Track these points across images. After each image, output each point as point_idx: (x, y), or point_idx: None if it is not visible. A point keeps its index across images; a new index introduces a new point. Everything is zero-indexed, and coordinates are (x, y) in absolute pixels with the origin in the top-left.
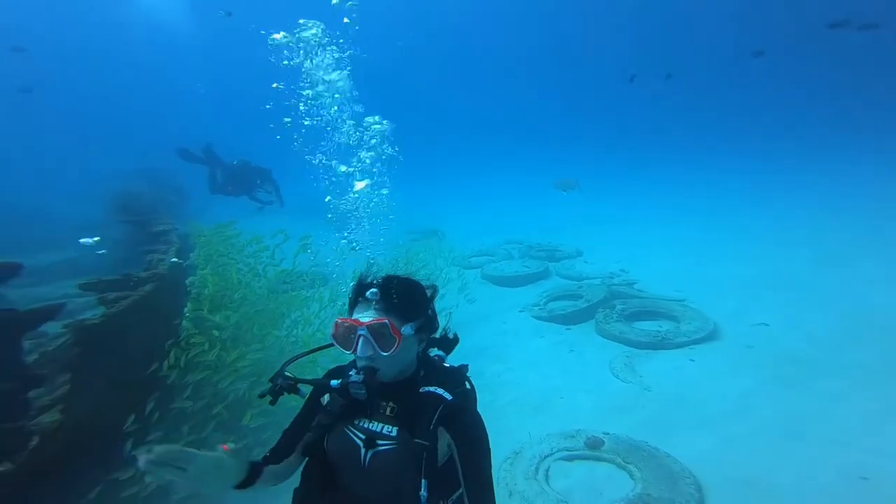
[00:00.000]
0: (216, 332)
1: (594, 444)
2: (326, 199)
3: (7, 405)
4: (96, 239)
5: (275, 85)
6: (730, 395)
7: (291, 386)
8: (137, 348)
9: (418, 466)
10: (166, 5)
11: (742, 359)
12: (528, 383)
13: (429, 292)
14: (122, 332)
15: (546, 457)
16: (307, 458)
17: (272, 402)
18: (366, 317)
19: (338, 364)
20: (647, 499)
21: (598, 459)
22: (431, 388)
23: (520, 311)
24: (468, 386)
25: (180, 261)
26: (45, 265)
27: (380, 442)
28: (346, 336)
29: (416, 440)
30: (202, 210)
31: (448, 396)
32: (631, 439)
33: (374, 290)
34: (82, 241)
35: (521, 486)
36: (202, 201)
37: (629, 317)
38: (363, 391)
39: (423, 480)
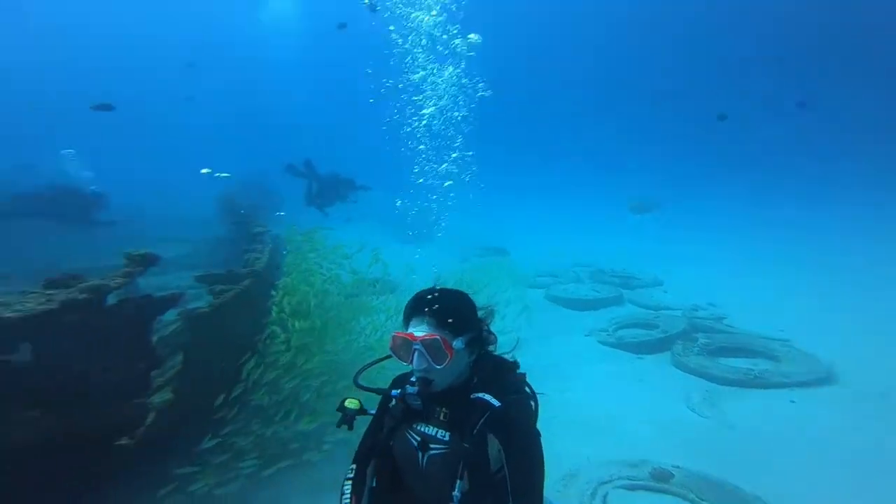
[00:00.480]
0: (293, 337)
1: (662, 476)
2: (397, 203)
3: (138, 382)
4: (226, 174)
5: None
6: (841, 442)
7: (358, 411)
8: (233, 338)
9: (464, 467)
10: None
11: (861, 407)
12: (588, 407)
13: (481, 312)
14: (222, 323)
15: (604, 483)
16: (378, 459)
17: (349, 429)
18: (420, 331)
19: (402, 371)
20: None
21: (665, 492)
22: (481, 395)
23: (585, 335)
24: (528, 392)
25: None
26: (168, 258)
27: (432, 445)
28: (402, 349)
29: (458, 442)
30: (293, 217)
31: (495, 403)
32: (708, 475)
33: (427, 306)
34: (203, 171)
35: None
36: (294, 208)
37: (713, 352)
38: (419, 402)
39: (457, 482)
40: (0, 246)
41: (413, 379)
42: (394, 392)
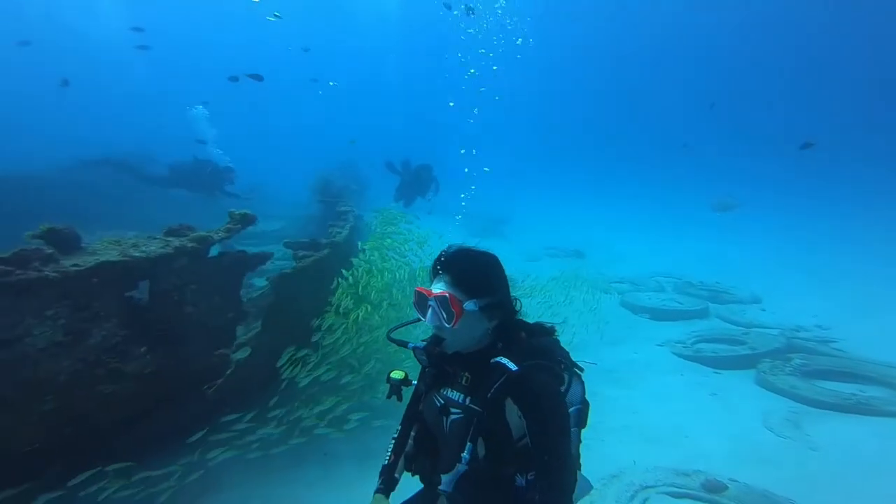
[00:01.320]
0: (348, 319)
1: (714, 488)
2: (462, 196)
3: (226, 333)
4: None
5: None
6: None
7: (402, 381)
8: (307, 303)
9: (475, 431)
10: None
11: None
12: (647, 414)
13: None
14: (301, 285)
15: (648, 487)
16: (419, 423)
17: (399, 399)
18: (437, 288)
19: None
20: None
21: None
22: (500, 359)
23: (658, 345)
24: (559, 358)
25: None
26: (265, 231)
27: (453, 410)
28: (420, 305)
29: (470, 405)
30: (376, 202)
31: (512, 367)
32: (768, 492)
33: (446, 264)
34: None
35: None
36: (379, 192)
37: (809, 374)
38: (424, 358)
39: (468, 445)
40: (150, 209)
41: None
42: (410, 345)
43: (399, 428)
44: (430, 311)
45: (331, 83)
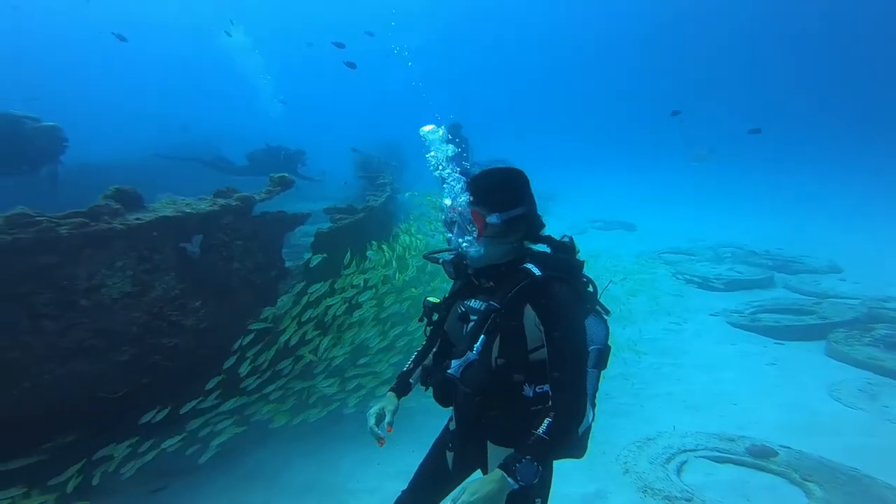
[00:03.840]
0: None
1: (761, 453)
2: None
3: (270, 290)
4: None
5: None
6: None
7: (436, 305)
8: (340, 261)
9: (490, 325)
10: None
11: None
12: (691, 382)
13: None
14: (336, 244)
15: (686, 451)
16: (441, 338)
17: (428, 324)
18: (461, 204)
19: None
20: None
21: (762, 469)
22: (527, 264)
23: (711, 315)
24: (585, 280)
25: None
26: (314, 210)
27: (472, 317)
28: (448, 220)
29: (490, 302)
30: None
31: (537, 272)
32: (825, 459)
33: (472, 180)
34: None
35: (641, 466)
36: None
37: (893, 345)
38: (451, 269)
39: (481, 337)
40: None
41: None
42: (440, 259)
43: (425, 342)
44: (456, 226)
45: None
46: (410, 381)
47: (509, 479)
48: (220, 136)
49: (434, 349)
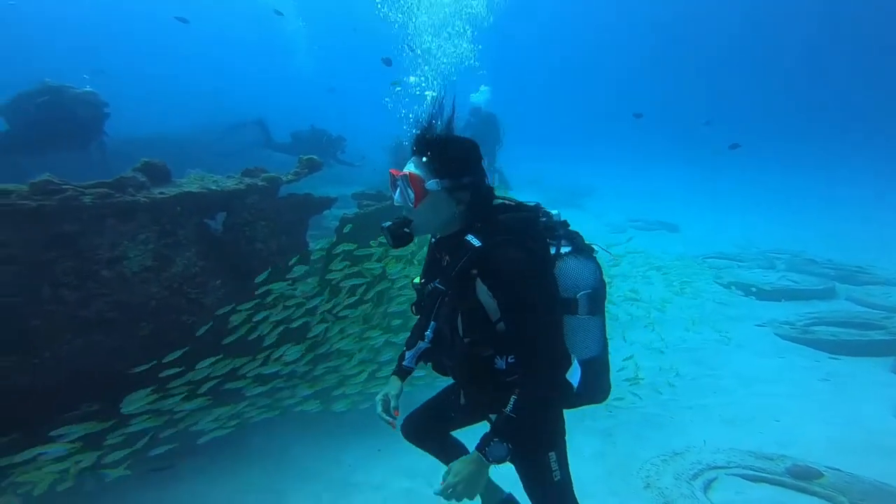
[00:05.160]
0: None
1: (803, 474)
2: None
3: (290, 272)
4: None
5: None
6: None
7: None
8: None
9: (439, 308)
10: None
11: None
12: (729, 394)
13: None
14: (362, 233)
15: (717, 467)
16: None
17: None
18: (406, 169)
19: None
20: None
21: (803, 491)
22: (467, 237)
23: (757, 325)
24: (541, 240)
25: None
26: (343, 195)
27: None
28: (392, 186)
29: (434, 285)
30: None
31: (476, 243)
32: (882, 483)
33: (415, 144)
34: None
35: (665, 482)
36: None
37: None
38: (388, 237)
39: (431, 322)
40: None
41: None
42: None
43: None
44: (397, 190)
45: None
46: (409, 362)
47: (484, 459)
48: (266, 113)
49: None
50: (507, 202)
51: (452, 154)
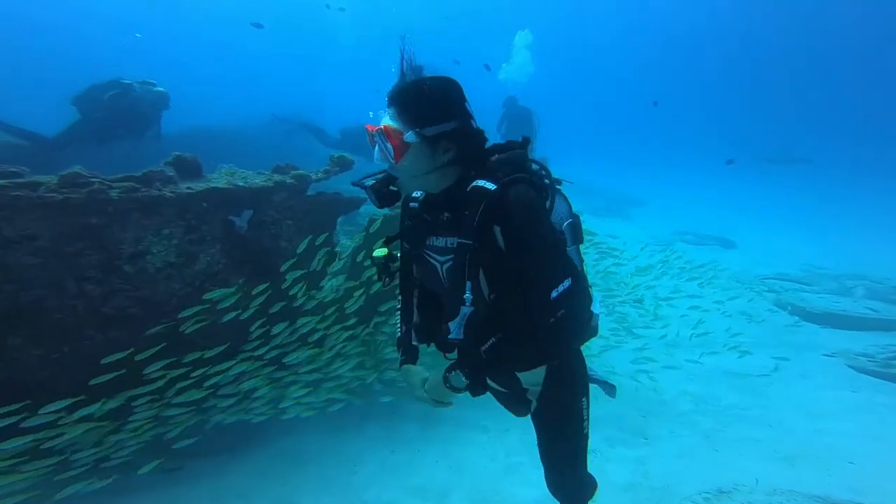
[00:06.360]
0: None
1: None
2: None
3: (316, 274)
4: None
5: None
6: None
7: (386, 258)
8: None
9: (471, 266)
10: None
11: None
12: (787, 429)
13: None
14: (391, 229)
15: None
16: (418, 290)
17: (388, 279)
18: (381, 122)
19: None
20: None
21: None
22: (476, 182)
23: (826, 355)
24: (536, 171)
25: None
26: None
27: (441, 258)
28: (370, 142)
29: (460, 241)
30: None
31: (490, 186)
32: None
33: (389, 95)
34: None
35: None
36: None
37: None
38: (373, 197)
39: (467, 282)
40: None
41: None
42: (365, 182)
43: (400, 297)
44: (376, 147)
45: None
46: (414, 343)
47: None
48: (321, 108)
49: (415, 302)
50: (494, 144)
51: (428, 99)
